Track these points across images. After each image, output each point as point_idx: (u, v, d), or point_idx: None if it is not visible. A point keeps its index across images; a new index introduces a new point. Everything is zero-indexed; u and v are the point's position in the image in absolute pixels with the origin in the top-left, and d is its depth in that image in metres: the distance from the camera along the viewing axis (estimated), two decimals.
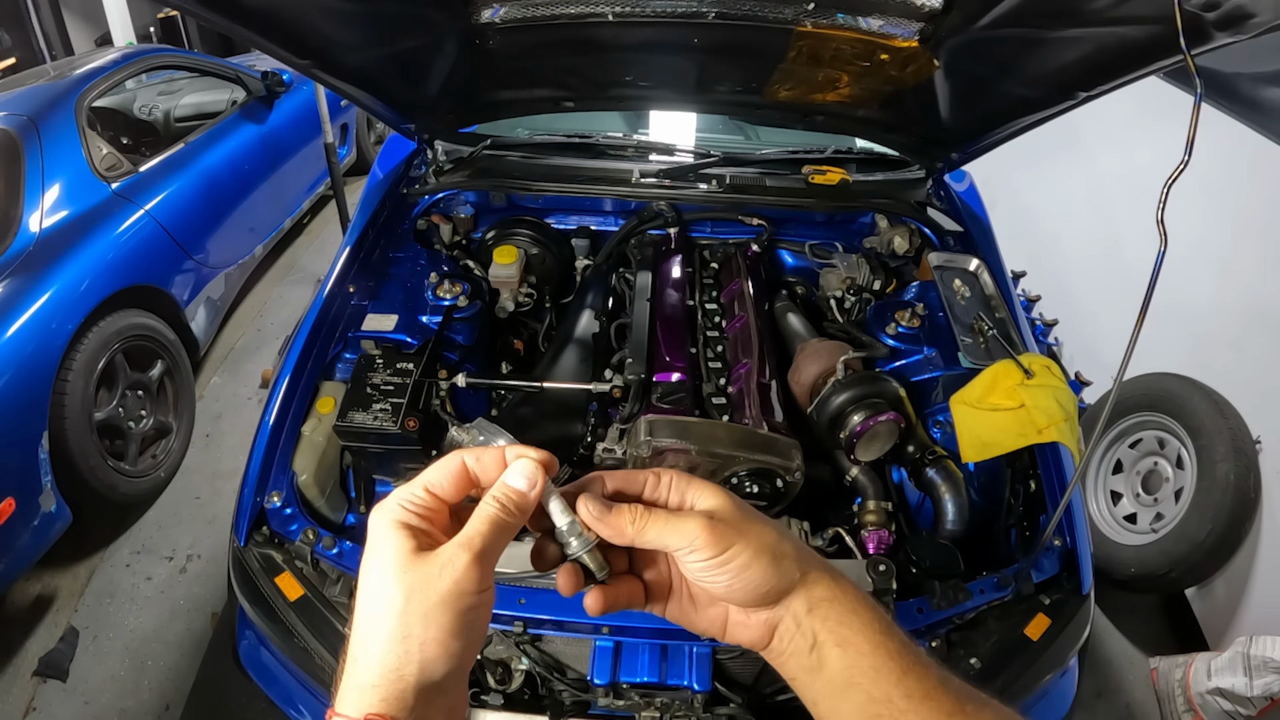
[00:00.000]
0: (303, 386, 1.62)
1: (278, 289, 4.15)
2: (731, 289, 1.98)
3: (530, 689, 1.40)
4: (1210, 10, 1.02)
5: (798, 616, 0.54)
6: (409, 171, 2.32)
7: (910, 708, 0.51)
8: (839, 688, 0.53)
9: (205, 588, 2.53)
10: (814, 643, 0.54)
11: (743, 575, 0.53)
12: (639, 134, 2.42)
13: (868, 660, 0.53)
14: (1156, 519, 2.42)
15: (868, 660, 0.53)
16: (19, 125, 2.73)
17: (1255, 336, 2.37)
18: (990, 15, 1.36)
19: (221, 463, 3.00)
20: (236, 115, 3.82)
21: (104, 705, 2.20)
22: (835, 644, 0.53)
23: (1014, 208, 3.52)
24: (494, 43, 1.69)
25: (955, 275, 1.92)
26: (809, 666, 0.54)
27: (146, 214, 2.95)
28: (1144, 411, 2.53)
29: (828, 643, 0.54)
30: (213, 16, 1.29)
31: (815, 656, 0.54)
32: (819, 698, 0.55)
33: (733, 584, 0.53)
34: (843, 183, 2.13)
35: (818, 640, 0.54)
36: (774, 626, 0.55)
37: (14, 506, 2.16)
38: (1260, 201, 2.42)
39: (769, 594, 0.54)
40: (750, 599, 0.54)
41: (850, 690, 0.52)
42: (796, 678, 0.56)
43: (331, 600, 1.37)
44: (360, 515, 1.68)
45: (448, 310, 1.83)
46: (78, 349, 2.43)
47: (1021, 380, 1.58)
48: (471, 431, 1.57)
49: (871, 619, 0.54)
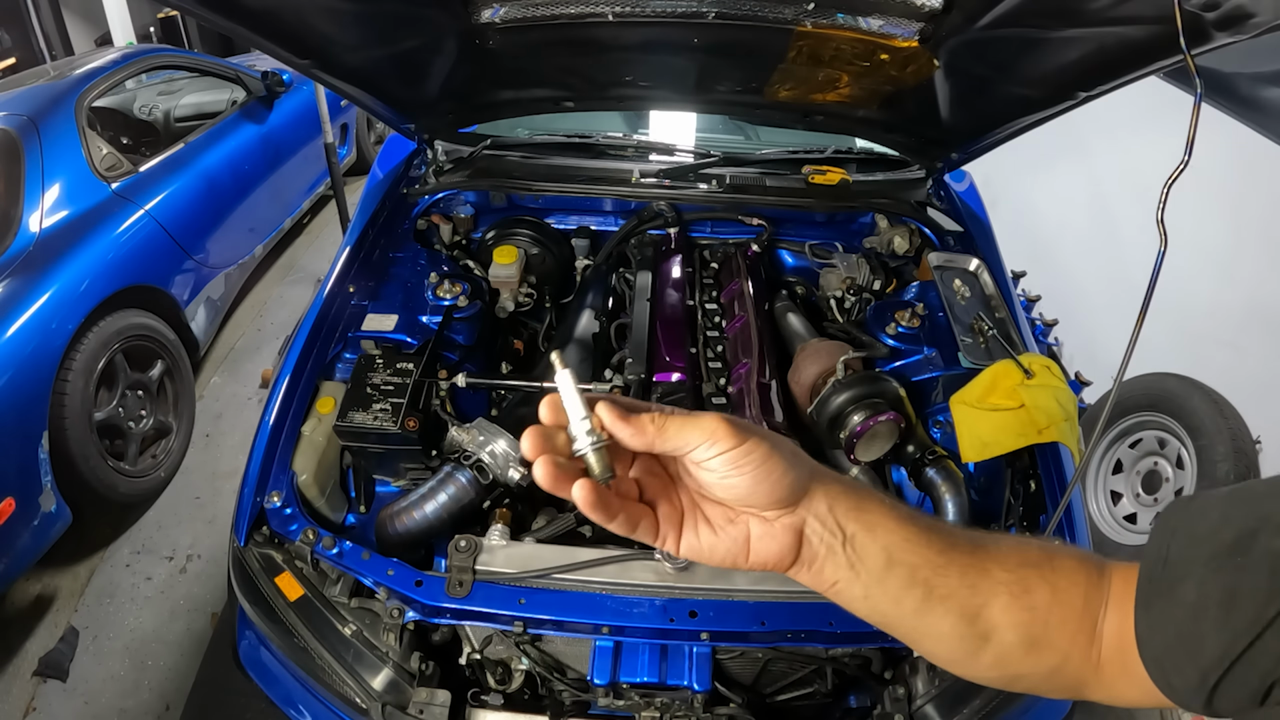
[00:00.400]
0: (303, 386, 1.62)
1: (278, 289, 4.15)
2: (731, 289, 1.98)
3: (530, 689, 1.40)
4: (1210, 10, 1.02)
5: (820, 515, 0.56)
6: (409, 171, 2.32)
7: (944, 560, 0.56)
8: (882, 570, 0.56)
9: (205, 588, 2.53)
10: (844, 537, 0.56)
11: (765, 466, 0.53)
12: (639, 134, 2.42)
13: (899, 535, 0.56)
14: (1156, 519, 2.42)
15: (899, 535, 0.56)
16: (19, 125, 2.73)
17: (1255, 336, 2.37)
18: (990, 15, 1.36)
19: (221, 463, 3.00)
20: (236, 115, 3.82)
21: (104, 705, 2.20)
22: (865, 530, 0.56)
23: (1014, 208, 3.52)
24: (494, 43, 1.69)
25: (955, 275, 1.92)
26: (848, 562, 0.56)
27: (146, 214, 2.95)
28: (1144, 411, 2.53)
29: (859, 533, 0.56)
30: (213, 16, 1.29)
31: (851, 550, 0.56)
32: (867, 589, 0.57)
33: (757, 477, 0.53)
34: (843, 183, 2.13)
35: (847, 533, 0.56)
36: (799, 531, 0.56)
37: (14, 506, 2.16)
38: (1260, 201, 2.42)
39: (792, 486, 0.54)
40: (774, 495, 0.54)
41: (892, 568, 0.56)
42: (839, 579, 0.57)
43: (331, 600, 1.37)
44: (360, 515, 1.68)
45: (448, 310, 1.83)
46: (78, 349, 2.43)
47: (1021, 380, 1.58)
48: (471, 431, 1.57)
49: (881, 498, 0.58)
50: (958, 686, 1.28)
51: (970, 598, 0.56)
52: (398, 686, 1.29)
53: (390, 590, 1.30)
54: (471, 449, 1.52)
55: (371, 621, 1.35)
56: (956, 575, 0.56)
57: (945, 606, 0.56)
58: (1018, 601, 0.56)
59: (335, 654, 1.31)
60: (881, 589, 0.57)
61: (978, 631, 0.56)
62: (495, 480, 1.51)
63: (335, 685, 1.29)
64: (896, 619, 0.58)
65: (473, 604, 1.26)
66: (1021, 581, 0.56)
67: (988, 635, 0.57)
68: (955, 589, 0.56)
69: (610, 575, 1.29)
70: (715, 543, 0.56)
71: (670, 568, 1.30)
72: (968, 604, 0.56)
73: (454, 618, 1.29)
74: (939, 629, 0.57)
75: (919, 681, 1.31)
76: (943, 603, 0.56)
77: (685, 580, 1.29)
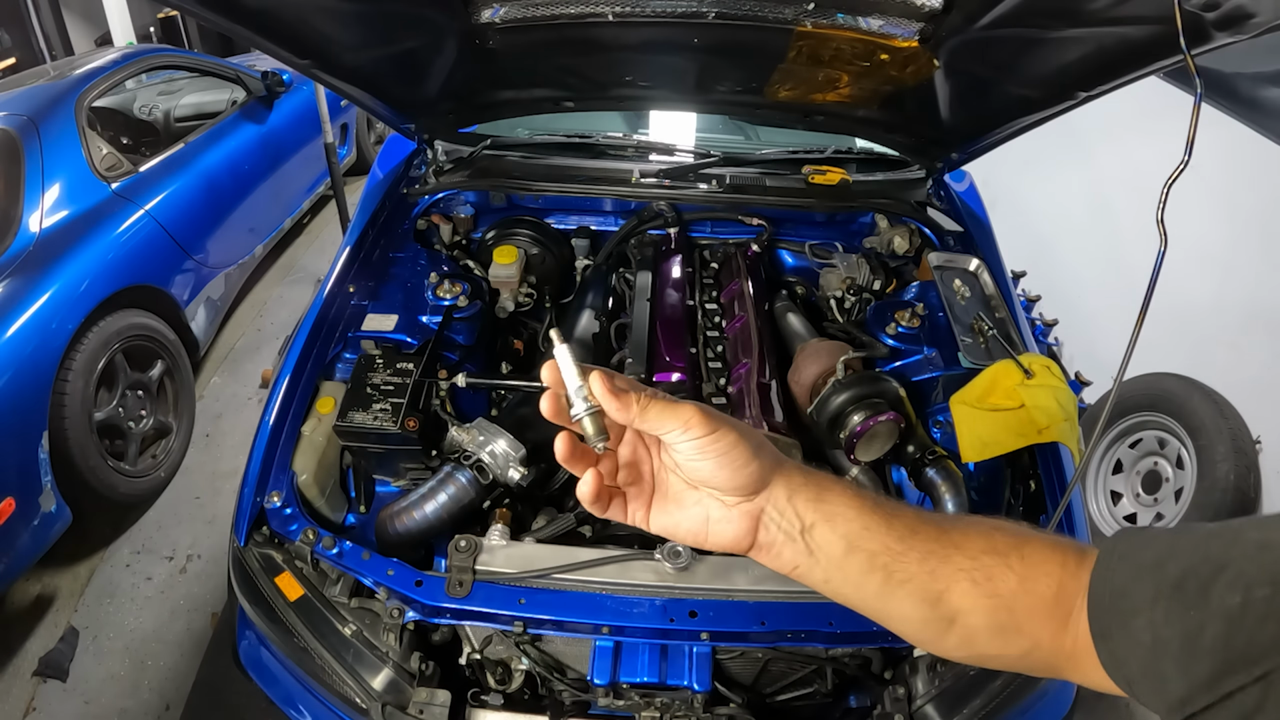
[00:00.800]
0: (303, 386, 1.62)
1: (278, 289, 4.15)
2: (731, 289, 1.99)
3: (530, 689, 1.40)
4: (1210, 10, 1.02)
5: (779, 504, 0.59)
6: (409, 171, 2.32)
7: (905, 546, 0.58)
8: (840, 556, 0.59)
9: (205, 588, 2.53)
10: (802, 526, 0.59)
11: (730, 454, 0.57)
12: (639, 134, 2.42)
13: (858, 524, 0.59)
14: (1156, 519, 2.42)
15: (858, 524, 0.59)
16: (19, 125, 2.73)
17: (1255, 336, 2.37)
18: (990, 15, 1.36)
19: (221, 463, 3.00)
20: (236, 115, 3.82)
21: (104, 705, 2.20)
22: (824, 520, 0.59)
23: (1014, 208, 3.52)
24: (494, 43, 1.69)
25: (955, 275, 1.92)
26: (806, 549, 0.59)
27: (146, 214, 2.95)
28: (1144, 411, 2.54)
29: (817, 521, 0.59)
30: (213, 16, 1.29)
31: (808, 539, 0.59)
32: (827, 573, 0.60)
33: (720, 462, 0.57)
34: (843, 183, 2.13)
35: (805, 523, 0.59)
36: (756, 518, 0.59)
37: (14, 506, 2.16)
38: (1260, 201, 2.42)
39: (752, 475, 0.58)
40: (735, 481, 0.58)
41: (851, 554, 0.59)
42: (798, 564, 0.60)
43: (331, 600, 1.37)
44: (360, 515, 1.68)
45: (448, 310, 1.83)
46: (78, 349, 2.43)
47: (1021, 380, 1.58)
48: (471, 431, 1.57)
49: (844, 488, 0.60)
50: (958, 687, 1.28)
51: (930, 583, 0.58)
52: (398, 686, 1.29)
53: (390, 590, 1.30)
54: (471, 449, 1.52)
55: (371, 621, 1.35)
56: (916, 561, 0.58)
57: (905, 590, 0.58)
58: (979, 588, 0.57)
59: (335, 654, 1.31)
60: (841, 574, 0.59)
61: (941, 615, 0.58)
62: (495, 480, 1.51)
63: (335, 685, 1.29)
64: (859, 601, 0.61)
65: (473, 604, 1.26)
66: (984, 569, 0.57)
67: (952, 619, 0.58)
68: (915, 574, 0.58)
69: (610, 575, 1.29)
70: (679, 519, 0.61)
71: (670, 568, 1.30)
72: (928, 588, 0.58)
73: (454, 618, 1.29)
74: (901, 611, 0.60)
75: (919, 681, 1.31)
76: (902, 586, 0.58)
77: (685, 580, 1.29)
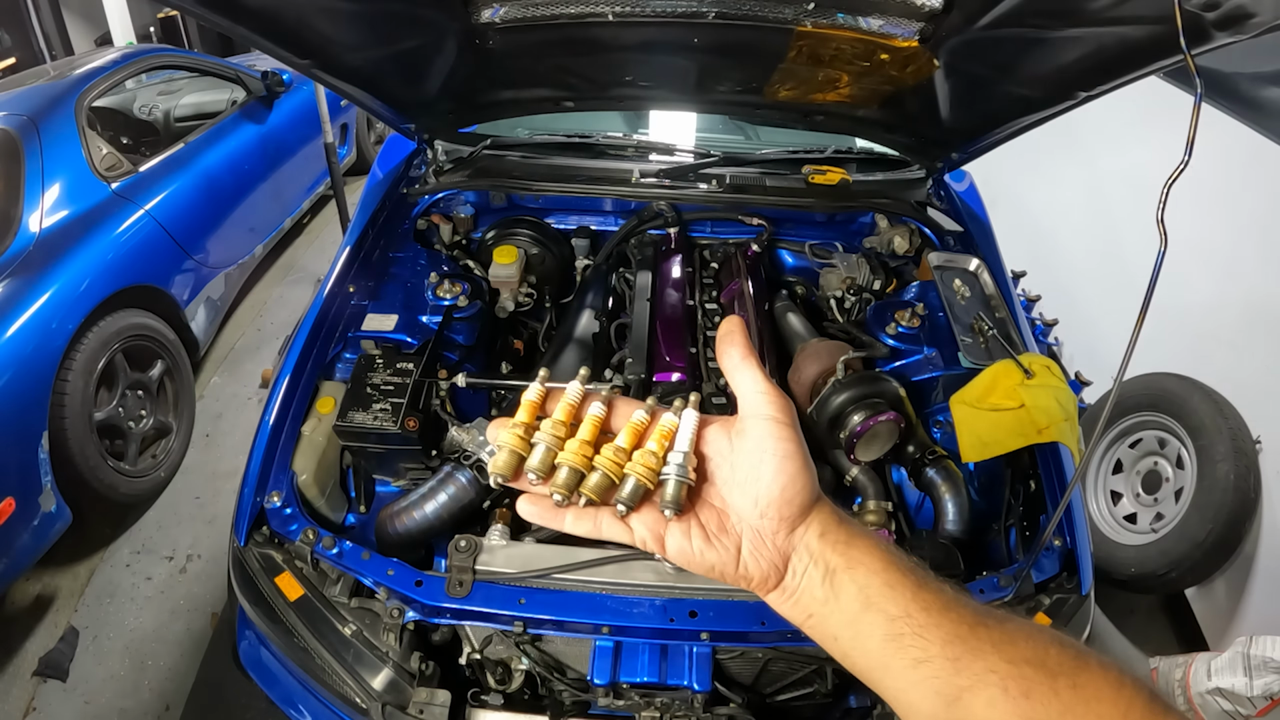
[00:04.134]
0: (303, 386, 1.62)
1: (278, 289, 4.15)
2: (731, 289, 1.98)
3: (530, 689, 1.40)
4: (1210, 10, 1.02)
5: (810, 546, 0.53)
6: (409, 171, 2.32)
7: (931, 620, 0.49)
8: (856, 612, 0.51)
9: (205, 588, 2.53)
10: (826, 570, 0.52)
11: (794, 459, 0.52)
12: (639, 134, 2.42)
13: (880, 578, 0.51)
14: (1156, 519, 2.42)
15: (880, 578, 0.51)
16: (19, 125, 2.73)
17: (1255, 336, 2.37)
18: (990, 15, 1.36)
19: (221, 463, 3.00)
20: (236, 115, 3.82)
21: (104, 705, 2.20)
22: (847, 567, 0.52)
23: (1014, 208, 3.52)
24: (494, 43, 1.69)
25: (955, 275, 1.92)
26: (823, 598, 0.52)
27: (146, 214, 2.95)
28: (1144, 411, 2.53)
29: (839, 567, 0.52)
30: (213, 16, 1.29)
31: (829, 586, 0.52)
32: (838, 629, 0.52)
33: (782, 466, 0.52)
34: (843, 183, 2.13)
35: (830, 568, 0.52)
36: (787, 558, 0.53)
37: (14, 506, 2.16)
38: (1260, 201, 2.42)
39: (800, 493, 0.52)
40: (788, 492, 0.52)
41: (868, 612, 0.50)
42: (813, 614, 0.53)
43: (331, 600, 1.37)
44: (360, 515, 1.68)
45: (448, 310, 1.83)
46: (78, 349, 2.43)
47: (1021, 380, 1.58)
48: (471, 431, 1.57)
49: (876, 540, 0.53)
50: None
51: (951, 674, 0.47)
52: (398, 686, 1.29)
53: (390, 590, 1.30)
54: (471, 449, 1.52)
55: (371, 621, 1.35)
56: (939, 642, 0.48)
57: (918, 673, 0.48)
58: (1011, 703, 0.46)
59: (335, 654, 1.31)
60: (852, 633, 0.52)
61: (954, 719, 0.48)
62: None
63: (335, 685, 1.29)
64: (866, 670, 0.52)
65: (473, 604, 1.26)
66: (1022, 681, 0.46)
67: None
68: (933, 656, 0.48)
69: (610, 575, 1.29)
70: (706, 549, 0.54)
71: (670, 568, 1.30)
72: (947, 681, 0.47)
73: (454, 618, 1.29)
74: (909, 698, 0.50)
75: None
76: (916, 668, 0.48)
77: (685, 580, 1.29)
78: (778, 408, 0.54)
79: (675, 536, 0.54)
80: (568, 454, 0.54)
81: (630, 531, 0.55)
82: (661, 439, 0.55)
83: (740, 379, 0.56)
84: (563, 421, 0.56)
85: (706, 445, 0.56)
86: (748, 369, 0.56)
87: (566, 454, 0.54)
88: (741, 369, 0.56)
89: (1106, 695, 0.45)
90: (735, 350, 0.57)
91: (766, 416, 0.53)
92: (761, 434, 0.53)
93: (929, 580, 0.51)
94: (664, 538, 0.54)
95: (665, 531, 0.54)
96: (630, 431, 0.56)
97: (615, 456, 0.54)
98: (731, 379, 0.56)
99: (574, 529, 0.56)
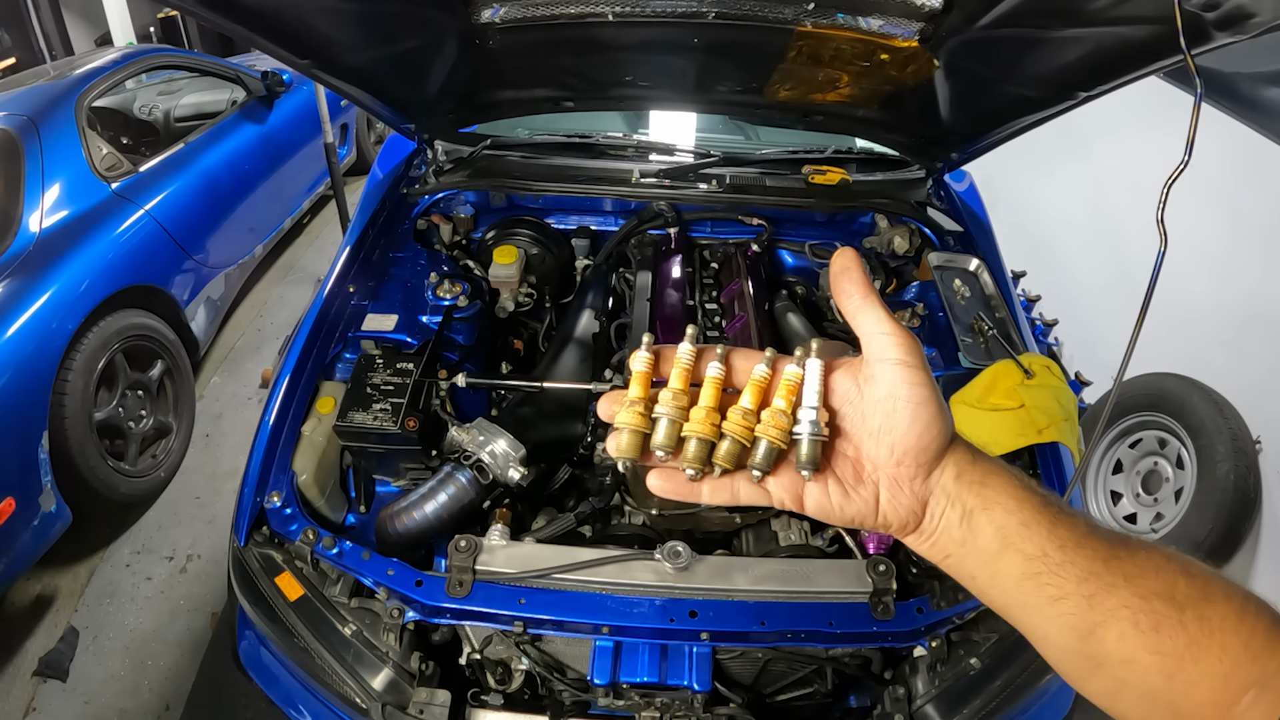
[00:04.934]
0: (303, 386, 1.62)
1: (278, 289, 4.15)
2: (731, 289, 1.99)
3: (530, 689, 1.40)
4: (1210, 10, 1.02)
5: (947, 488, 0.53)
6: (409, 171, 2.32)
7: (1066, 558, 0.49)
8: (994, 552, 0.51)
9: (205, 588, 2.53)
10: (964, 512, 0.52)
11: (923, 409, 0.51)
12: (639, 134, 2.42)
13: (1016, 518, 0.51)
14: (1156, 519, 2.42)
15: (1016, 518, 0.51)
16: (19, 125, 2.73)
17: (1255, 336, 2.37)
18: (990, 15, 1.36)
19: (221, 463, 3.00)
20: (236, 115, 3.82)
21: (104, 705, 2.20)
22: (983, 507, 0.52)
23: (1014, 208, 3.52)
24: (494, 43, 1.69)
25: (955, 275, 1.92)
26: (960, 539, 0.52)
27: (146, 214, 2.95)
28: (1144, 411, 2.54)
29: (976, 508, 0.52)
30: (213, 16, 1.29)
31: (966, 527, 0.52)
32: (976, 569, 0.53)
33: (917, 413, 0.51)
34: (843, 183, 2.13)
35: (967, 509, 0.52)
36: (925, 501, 0.53)
37: (14, 506, 2.16)
38: (1260, 201, 2.42)
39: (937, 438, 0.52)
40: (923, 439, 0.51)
41: (1005, 552, 0.51)
42: (950, 554, 0.54)
43: (331, 600, 1.37)
44: (360, 515, 1.68)
45: (448, 310, 1.83)
46: (78, 349, 2.43)
47: (1021, 380, 1.58)
48: (471, 431, 1.57)
49: (1010, 475, 0.53)
50: (958, 687, 1.28)
51: (1085, 611, 0.49)
52: (398, 686, 1.29)
53: (390, 590, 1.30)
54: (471, 449, 1.52)
55: (371, 621, 1.35)
56: (1075, 579, 0.49)
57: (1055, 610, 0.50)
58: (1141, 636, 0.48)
59: (335, 654, 1.31)
60: (989, 573, 0.52)
61: (1088, 652, 0.50)
62: (495, 480, 1.51)
63: (335, 685, 1.29)
64: (1003, 607, 0.54)
65: (473, 604, 1.26)
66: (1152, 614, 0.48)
67: (1099, 662, 0.49)
68: (1069, 593, 0.49)
69: (610, 575, 1.29)
70: (845, 503, 0.54)
71: (670, 568, 1.30)
72: (1082, 616, 0.49)
73: (454, 618, 1.29)
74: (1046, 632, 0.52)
75: (919, 681, 1.31)
76: (1052, 604, 0.50)
77: (685, 580, 1.29)
78: (906, 349, 0.51)
79: (814, 494, 0.54)
80: (695, 424, 0.51)
81: (768, 494, 0.54)
82: (789, 394, 0.53)
83: (863, 320, 0.53)
84: (681, 389, 0.53)
85: (834, 394, 0.54)
86: (870, 308, 0.53)
87: (694, 424, 0.52)
88: (864, 309, 0.53)
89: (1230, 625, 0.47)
90: (855, 289, 0.53)
91: (895, 360, 0.51)
92: (893, 379, 0.51)
93: (1063, 514, 0.51)
94: (802, 497, 0.54)
95: (803, 491, 0.54)
96: (754, 390, 0.53)
97: (745, 420, 0.52)
98: (853, 320, 0.53)
99: (711, 499, 0.55)
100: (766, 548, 1.54)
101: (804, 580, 1.31)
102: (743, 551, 1.57)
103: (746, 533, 1.59)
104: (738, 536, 1.61)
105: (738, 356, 0.56)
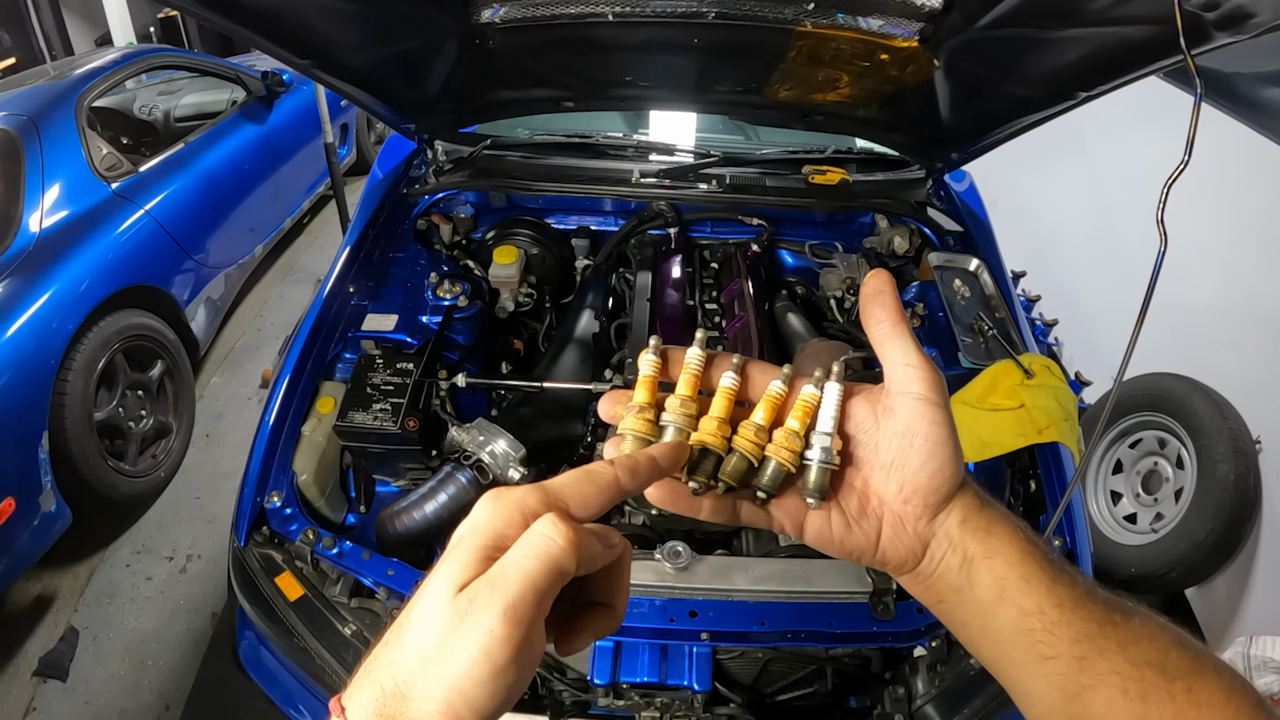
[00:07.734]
0: (303, 386, 1.62)
1: (278, 289, 4.15)
2: (731, 289, 1.99)
3: (530, 689, 1.40)
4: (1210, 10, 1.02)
5: (950, 532, 0.51)
6: (409, 171, 2.32)
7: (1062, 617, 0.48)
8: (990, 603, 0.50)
9: (205, 588, 2.53)
10: (964, 559, 0.51)
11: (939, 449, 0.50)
12: (639, 134, 2.42)
13: (1017, 570, 0.49)
14: (1156, 519, 2.42)
15: (1017, 570, 0.49)
16: (19, 125, 2.73)
17: (1255, 336, 2.37)
18: (990, 15, 1.36)
19: (221, 463, 3.00)
20: (236, 115, 3.82)
21: (104, 705, 2.20)
22: (984, 556, 0.50)
23: (1014, 208, 3.52)
24: (494, 43, 1.69)
25: (955, 275, 1.92)
26: (957, 586, 0.51)
27: (146, 214, 2.95)
28: (1144, 411, 2.53)
29: (978, 556, 0.51)
30: (213, 16, 1.29)
31: (965, 574, 0.51)
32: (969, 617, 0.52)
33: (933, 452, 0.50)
34: (843, 183, 2.13)
35: (968, 555, 0.51)
36: (926, 543, 0.52)
37: (14, 506, 2.16)
38: (1260, 201, 2.42)
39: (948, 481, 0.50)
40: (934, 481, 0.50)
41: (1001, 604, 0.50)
42: (944, 600, 0.52)
43: (331, 600, 1.37)
44: (360, 515, 1.68)
45: (448, 310, 1.83)
46: (78, 349, 2.43)
47: (1021, 380, 1.58)
48: (471, 431, 1.57)
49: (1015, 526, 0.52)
50: (958, 687, 1.28)
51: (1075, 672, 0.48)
52: None
53: (390, 590, 1.30)
54: (471, 449, 1.52)
55: (371, 621, 1.35)
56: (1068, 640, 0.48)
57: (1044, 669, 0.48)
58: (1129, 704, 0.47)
59: (335, 654, 1.31)
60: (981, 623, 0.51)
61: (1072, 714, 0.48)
62: (495, 480, 1.51)
63: (335, 685, 1.29)
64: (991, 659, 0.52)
65: None
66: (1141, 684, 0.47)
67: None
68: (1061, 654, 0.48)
69: None
70: (846, 536, 0.52)
71: (670, 568, 1.30)
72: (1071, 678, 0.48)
73: None
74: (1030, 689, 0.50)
75: (919, 681, 1.31)
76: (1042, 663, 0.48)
77: (685, 580, 1.29)
78: (929, 385, 0.50)
79: (815, 522, 0.52)
80: (704, 435, 0.50)
81: (770, 517, 0.53)
82: (804, 415, 0.51)
83: (890, 349, 0.51)
84: (689, 396, 0.51)
85: (849, 421, 0.53)
86: (899, 337, 0.51)
87: (703, 435, 0.50)
88: (894, 338, 0.51)
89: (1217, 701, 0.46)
90: (885, 316, 0.52)
91: (918, 395, 0.50)
92: (912, 415, 0.50)
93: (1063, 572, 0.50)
94: (803, 524, 0.53)
95: (805, 518, 0.52)
96: (768, 406, 0.51)
97: (757, 437, 0.50)
98: (879, 347, 0.52)
99: (711, 517, 0.53)
100: (766, 548, 1.55)
101: (804, 580, 1.31)
102: (743, 551, 1.57)
103: (746, 533, 1.60)
104: (738, 536, 1.61)
105: (754, 368, 0.54)
